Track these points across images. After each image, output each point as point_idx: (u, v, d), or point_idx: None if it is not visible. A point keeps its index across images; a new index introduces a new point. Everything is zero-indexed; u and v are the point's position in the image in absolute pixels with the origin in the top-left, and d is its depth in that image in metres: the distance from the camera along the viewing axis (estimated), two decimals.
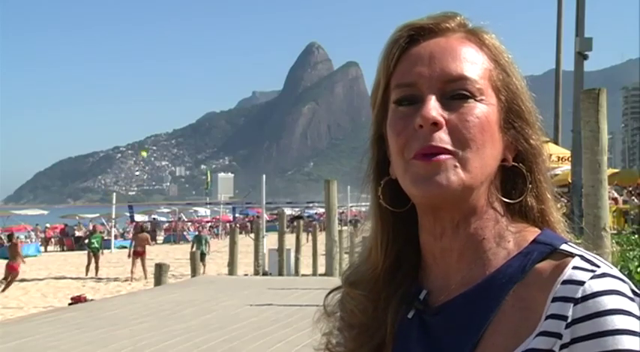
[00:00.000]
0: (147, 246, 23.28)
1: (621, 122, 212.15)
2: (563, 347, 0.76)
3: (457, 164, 0.83)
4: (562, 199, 0.96)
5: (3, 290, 19.25)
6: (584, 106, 6.24)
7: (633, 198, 19.52)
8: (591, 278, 0.78)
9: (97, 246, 24.45)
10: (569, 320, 0.76)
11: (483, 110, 0.85)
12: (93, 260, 24.11)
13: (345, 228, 34.03)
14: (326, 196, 14.14)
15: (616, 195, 18.40)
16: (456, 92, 0.85)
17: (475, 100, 0.85)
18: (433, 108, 0.83)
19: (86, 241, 24.95)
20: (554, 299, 0.78)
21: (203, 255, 23.76)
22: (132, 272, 22.23)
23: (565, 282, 0.79)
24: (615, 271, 0.80)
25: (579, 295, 0.77)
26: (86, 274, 23.72)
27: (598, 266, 0.80)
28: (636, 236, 11.52)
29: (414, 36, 0.89)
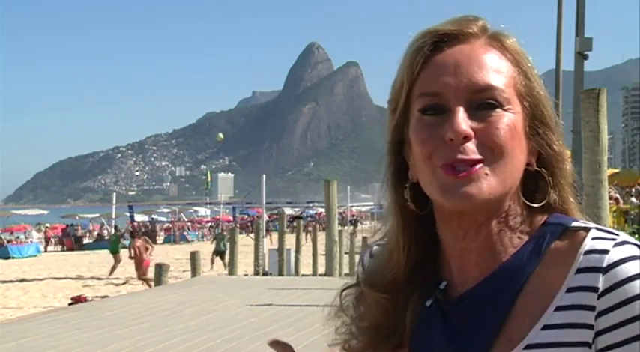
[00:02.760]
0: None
1: (621, 122, 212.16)
2: (597, 317, 0.78)
3: (488, 172, 0.84)
4: None
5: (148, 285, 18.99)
6: (584, 106, 6.25)
7: (632, 198, 19.50)
8: (614, 246, 0.80)
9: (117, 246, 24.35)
10: (600, 290, 0.78)
11: (511, 118, 0.86)
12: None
13: (345, 228, 34.04)
14: (326, 196, 14.15)
15: (617, 195, 18.40)
16: (484, 102, 0.85)
17: (502, 109, 0.86)
18: (463, 120, 0.83)
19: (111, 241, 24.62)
20: (579, 271, 0.81)
21: (222, 253, 23.72)
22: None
23: (587, 252, 0.81)
24: (632, 239, 0.83)
25: (605, 264, 0.79)
26: (110, 274, 23.49)
27: (617, 235, 0.82)
28: (636, 236, 11.53)
29: (437, 43, 0.89)
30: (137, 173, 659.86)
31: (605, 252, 0.80)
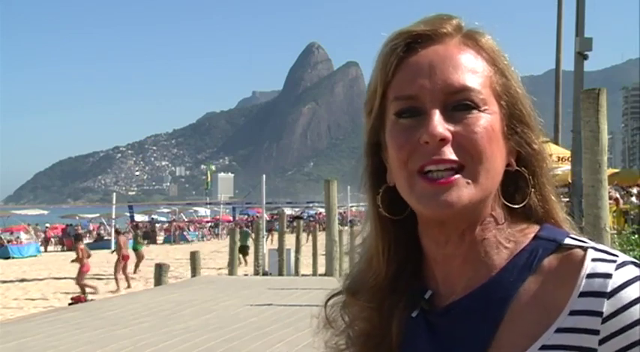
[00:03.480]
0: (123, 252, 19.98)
1: (621, 122, 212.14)
2: (602, 342, 0.77)
3: (469, 181, 0.82)
4: (565, 200, 0.96)
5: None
6: (584, 106, 6.24)
7: (632, 198, 19.49)
8: (616, 268, 0.79)
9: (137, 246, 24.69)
10: (604, 315, 0.77)
11: (488, 119, 0.84)
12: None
13: (345, 228, 33.96)
14: (326, 196, 14.13)
15: (617, 195, 18.38)
16: (460, 103, 0.84)
17: (479, 111, 0.84)
18: (439, 123, 0.82)
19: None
20: (582, 294, 0.79)
21: (246, 248, 24.32)
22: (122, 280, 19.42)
23: (590, 276, 0.80)
24: (630, 257, 0.82)
25: (609, 288, 0.78)
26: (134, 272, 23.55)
27: (616, 256, 0.81)
28: (636, 236, 11.51)
29: (411, 43, 0.87)
30: (137, 173, 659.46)
31: (609, 276, 0.79)
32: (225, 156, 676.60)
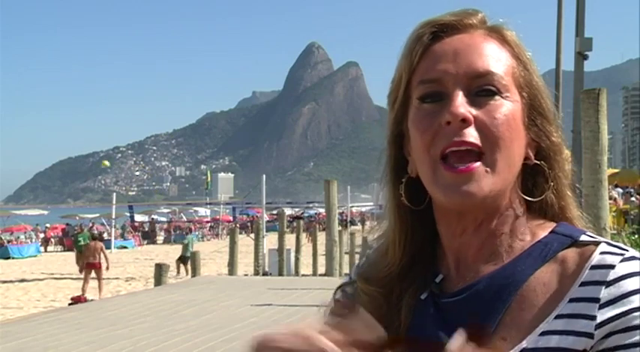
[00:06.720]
0: (104, 256, 18.37)
1: (621, 122, 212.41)
2: (598, 327, 0.78)
3: (488, 169, 0.83)
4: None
5: None
6: (584, 106, 6.25)
7: (633, 198, 19.50)
8: (621, 261, 0.80)
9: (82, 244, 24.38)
10: (601, 301, 0.78)
11: (509, 107, 0.86)
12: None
13: (355, 227, 33.88)
14: (326, 196, 14.16)
15: (616, 195, 18.39)
16: (482, 88, 0.85)
17: (501, 97, 0.85)
18: (461, 104, 0.83)
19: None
20: (582, 284, 0.80)
21: (187, 259, 23.47)
22: (83, 290, 17.46)
23: (594, 267, 0.81)
24: None
25: (610, 278, 0.79)
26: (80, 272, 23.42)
27: (626, 250, 0.82)
28: (636, 236, 11.52)
29: (436, 33, 0.89)
30: (137, 173, 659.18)
31: (612, 266, 0.80)
32: (225, 156, 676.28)
